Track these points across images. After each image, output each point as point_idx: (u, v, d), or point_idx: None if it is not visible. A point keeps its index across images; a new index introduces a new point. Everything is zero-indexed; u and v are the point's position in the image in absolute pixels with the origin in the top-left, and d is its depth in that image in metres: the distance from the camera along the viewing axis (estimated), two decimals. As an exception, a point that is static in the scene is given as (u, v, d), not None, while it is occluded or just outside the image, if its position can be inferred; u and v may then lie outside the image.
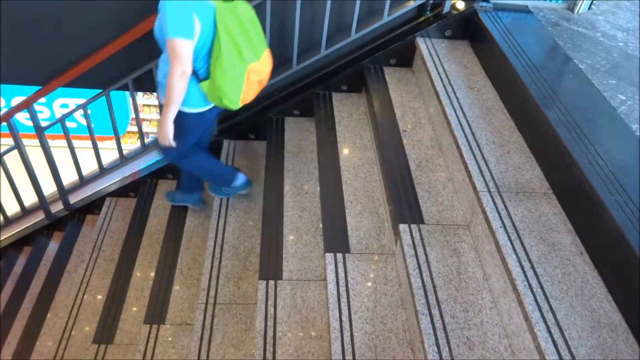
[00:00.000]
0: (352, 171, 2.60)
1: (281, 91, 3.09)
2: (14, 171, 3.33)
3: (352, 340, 1.88)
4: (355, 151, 2.73)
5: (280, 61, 2.95)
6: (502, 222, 1.80)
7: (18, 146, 3.14)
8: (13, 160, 3.23)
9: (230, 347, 2.25)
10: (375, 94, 2.82)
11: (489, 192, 1.92)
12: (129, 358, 2.58)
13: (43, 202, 3.46)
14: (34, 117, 2.98)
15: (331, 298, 2.01)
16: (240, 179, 2.76)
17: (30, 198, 3.53)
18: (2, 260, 3.68)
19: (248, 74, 2.10)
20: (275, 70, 2.95)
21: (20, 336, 3.01)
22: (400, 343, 1.88)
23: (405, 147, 2.47)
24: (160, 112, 2.20)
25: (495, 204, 1.87)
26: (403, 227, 2.04)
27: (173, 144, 2.25)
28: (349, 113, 2.97)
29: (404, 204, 2.16)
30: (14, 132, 3.07)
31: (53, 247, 3.57)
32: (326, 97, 3.08)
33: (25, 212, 3.63)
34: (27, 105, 2.90)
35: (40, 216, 3.59)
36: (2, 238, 3.66)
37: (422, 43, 2.83)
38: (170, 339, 2.49)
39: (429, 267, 1.90)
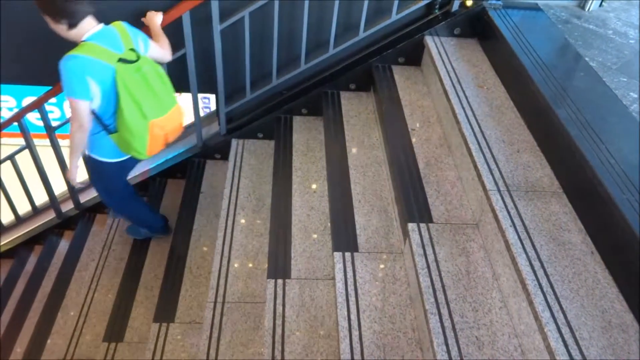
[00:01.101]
0: (360, 170, 2.60)
1: (289, 90, 3.09)
2: (25, 171, 3.36)
3: (360, 339, 1.88)
4: (363, 150, 2.72)
5: (288, 60, 2.95)
6: (512, 221, 1.79)
7: (29, 146, 3.17)
8: (24, 159, 3.26)
9: (239, 345, 2.26)
10: (383, 93, 2.81)
11: (499, 191, 1.91)
12: (139, 356, 2.59)
13: (54, 201, 3.49)
14: (44, 116, 3.01)
15: (339, 297, 2.01)
16: (163, 230, 3.12)
17: (41, 197, 3.57)
18: (15, 258, 3.72)
19: (151, 129, 2.24)
20: (283, 69, 2.97)
21: (32, 334, 3.04)
22: (409, 342, 1.87)
23: (414, 146, 2.46)
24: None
25: (504, 203, 1.86)
26: (412, 226, 2.03)
27: (77, 184, 2.64)
28: (357, 112, 2.97)
29: (413, 203, 2.16)
30: (25, 132, 3.10)
31: (64, 245, 3.60)
32: (334, 96, 3.07)
33: (36, 211, 3.67)
34: (38, 105, 2.92)
35: (51, 215, 3.62)
36: (14, 237, 3.71)
37: (430, 41, 2.82)
38: (179, 337, 2.50)
39: (437, 266, 1.89)
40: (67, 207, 3.57)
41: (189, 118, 3.06)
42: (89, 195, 3.54)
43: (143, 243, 3.16)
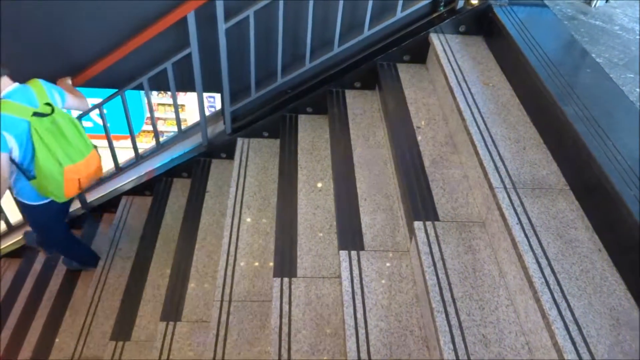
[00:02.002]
0: (366, 168, 2.60)
1: (294, 89, 3.09)
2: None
3: (367, 337, 1.88)
4: (369, 148, 2.72)
5: (293, 59, 2.96)
6: (519, 219, 1.78)
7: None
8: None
9: (246, 344, 2.26)
10: (388, 91, 2.81)
11: (505, 188, 1.90)
12: (146, 355, 2.60)
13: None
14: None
15: (346, 295, 2.01)
16: (93, 263, 3.28)
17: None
18: (22, 258, 3.75)
19: (66, 174, 2.42)
20: (288, 68, 2.97)
21: (40, 333, 3.06)
22: (415, 340, 1.87)
23: (420, 144, 2.46)
24: None
25: (511, 200, 1.86)
26: (418, 224, 2.03)
27: None
28: (362, 110, 2.97)
29: (419, 201, 2.15)
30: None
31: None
32: (339, 94, 3.07)
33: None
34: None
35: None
36: (21, 237, 3.73)
37: (435, 39, 2.81)
38: (186, 335, 2.51)
39: (444, 264, 1.89)
40: (74, 206, 3.58)
41: (194, 117, 3.06)
42: (96, 195, 3.55)
43: (149, 242, 3.17)
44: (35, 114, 2.27)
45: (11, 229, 3.78)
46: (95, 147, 2.64)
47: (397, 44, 2.93)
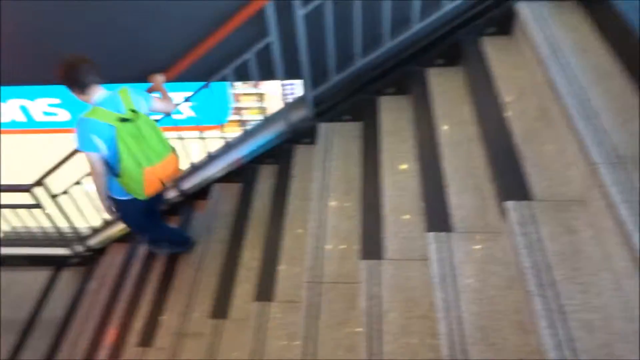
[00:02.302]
0: (452, 148, 2.52)
1: (375, 70, 3.06)
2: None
3: (459, 320, 1.85)
4: (454, 127, 2.64)
5: (372, 39, 2.92)
6: (624, 196, 1.65)
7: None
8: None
9: (336, 324, 2.32)
10: (473, 66, 2.69)
11: (608, 163, 1.76)
12: (242, 332, 2.76)
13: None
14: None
15: (435, 278, 1.99)
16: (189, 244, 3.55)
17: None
18: (129, 243, 4.10)
19: (145, 175, 2.66)
20: (367, 49, 2.94)
21: (148, 311, 3.35)
22: (511, 324, 1.81)
23: (509, 120, 2.33)
24: None
25: (615, 176, 1.72)
26: (510, 204, 1.95)
27: (113, 214, 3.05)
28: (446, 88, 2.87)
29: (510, 179, 2.06)
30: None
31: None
32: (421, 72, 2.99)
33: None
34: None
35: (158, 202, 3.92)
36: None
37: (523, 8, 2.63)
38: (278, 315, 2.62)
39: (540, 246, 1.80)
40: (172, 194, 3.84)
41: (276, 105, 3.14)
42: (191, 183, 3.78)
43: (240, 228, 3.33)
44: (120, 119, 2.51)
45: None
46: (174, 149, 2.83)
47: (481, 16, 2.79)
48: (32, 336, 4.07)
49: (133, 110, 2.57)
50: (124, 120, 2.52)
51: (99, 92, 2.55)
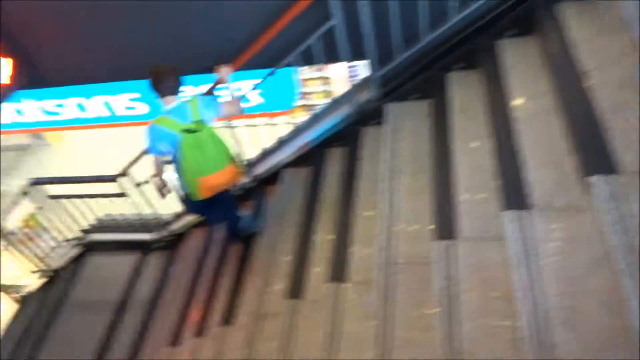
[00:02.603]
0: (527, 122, 2.41)
1: (442, 45, 2.97)
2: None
3: (540, 300, 1.79)
4: (530, 100, 2.51)
5: (438, 14, 2.83)
6: None
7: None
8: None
9: (410, 304, 2.31)
10: (549, 34, 2.54)
11: None
12: (317, 312, 2.82)
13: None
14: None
15: (513, 257, 1.93)
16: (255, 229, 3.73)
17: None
18: (209, 227, 4.30)
19: (200, 183, 2.89)
20: (434, 25, 2.85)
21: (228, 292, 3.51)
22: (597, 305, 1.72)
23: (591, 90, 2.18)
24: None
25: None
26: (594, 179, 1.84)
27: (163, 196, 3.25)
28: (519, 59, 2.73)
29: (593, 153, 1.94)
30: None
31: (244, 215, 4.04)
32: (492, 45, 2.86)
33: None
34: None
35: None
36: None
37: (606, -34, 2.43)
38: (352, 296, 2.66)
39: (628, 222, 1.69)
40: (245, 180, 3.98)
41: (342, 87, 3.14)
42: (262, 169, 3.89)
43: (311, 211, 3.38)
44: (185, 130, 2.74)
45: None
46: (234, 160, 3.00)
47: (557, -21, 2.61)
48: (125, 315, 4.42)
49: (199, 121, 2.76)
50: (188, 131, 2.74)
51: (172, 102, 2.77)
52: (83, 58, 3.79)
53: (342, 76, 5.00)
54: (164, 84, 2.72)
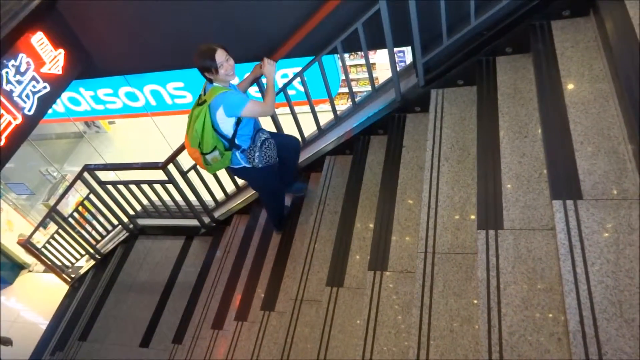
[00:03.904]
0: (580, 107, 2.29)
1: (490, 29, 2.85)
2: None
3: (589, 294, 1.71)
4: (583, 84, 2.39)
5: (486, -3, 2.73)
6: None
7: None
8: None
9: (452, 295, 2.27)
10: (607, 14, 2.39)
11: None
12: (358, 300, 2.82)
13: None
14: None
15: (562, 248, 1.85)
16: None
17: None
18: (250, 214, 4.37)
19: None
20: (482, 7, 2.75)
21: (269, 277, 3.56)
22: (652, 300, 1.63)
23: (652, 73, 2.05)
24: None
25: None
26: (653, 167, 1.73)
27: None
28: (573, 42, 2.60)
29: (653, 140, 1.82)
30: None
31: (287, 202, 4.06)
32: (544, 27, 2.73)
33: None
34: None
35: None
36: (247, 196, 4.34)
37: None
38: (392, 285, 2.63)
39: (691, 213, 1.58)
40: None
41: (385, 74, 3.07)
42: (304, 156, 3.89)
43: (352, 198, 3.37)
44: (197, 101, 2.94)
45: (239, 190, 4.43)
46: (207, 152, 3.00)
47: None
48: (171, 297, 4.57)
49: (204, 102, 2.85)
50: (197, 102, 2.91)
51: (213, 78, 2.82)
52: (134, 48, 3.90)
53: (386, 62, 4.93)
54: (201, 63, 2.75)
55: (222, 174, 4.19)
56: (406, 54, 6.46)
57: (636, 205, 1.87)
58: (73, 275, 6.00)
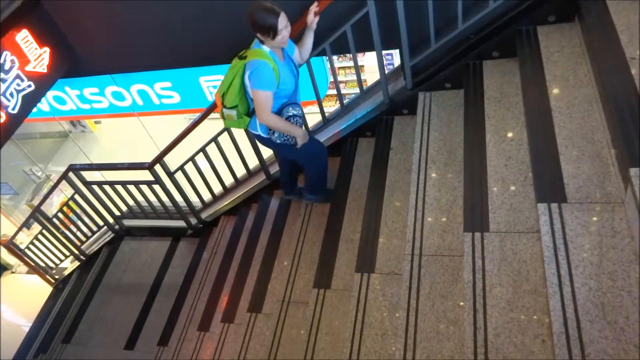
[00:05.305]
0: (565, 112, 2.32)
1: (478, 33, 2.88)
2: (240, 140, 3.83)
3: (573, 296, 1.73)
4: (568, 89, 2.42)
5: (473, 1, 2.75)
6: None
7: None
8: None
9: (439, 297, 2.28)
10: (591, 20, 2.43)
11: None
12: (345, 302, 2.82)
13: (263, 165, 3.95)
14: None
15: (546, 251, 1.87)
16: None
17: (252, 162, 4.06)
18: (237, 215, 4.35)
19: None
20: (469, 11, 2.78)
21: (256, 279, 3.55)
22: (634, 302, 1.65)
23: (636, 78, 2.08)
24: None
25: None
26: (635, 171, 1.75)
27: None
28: (559, 47, 2.63)
29: (636, 144, 1.85)
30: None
31: (274, 204, 4.06)
32: (530, 32, 2.77)
33: (250, 174, 4.20)
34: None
35: (262, 177, 4.11)
36: (235, 197, 4.33)
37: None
38: (379, 287, 2.64)
39: (672, 217, 1.61)
40: (275, 169, 3.99)
41: (373, 77, 3.08)
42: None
43: (340, 200, 3.37)
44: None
45: (226, 191, 4.41)
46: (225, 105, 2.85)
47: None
48: (156, 299, 4.53)
49: (241, 57, 2.74)
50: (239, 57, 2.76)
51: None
52: (121, 47, 3.87)
53: (375, 65, 4.95)
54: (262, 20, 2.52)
55: (209, 174, 4.18)
56: (394, 57, 6.50)
57: (619, 209, 1.90)
58: (57, 277, 5.92)
